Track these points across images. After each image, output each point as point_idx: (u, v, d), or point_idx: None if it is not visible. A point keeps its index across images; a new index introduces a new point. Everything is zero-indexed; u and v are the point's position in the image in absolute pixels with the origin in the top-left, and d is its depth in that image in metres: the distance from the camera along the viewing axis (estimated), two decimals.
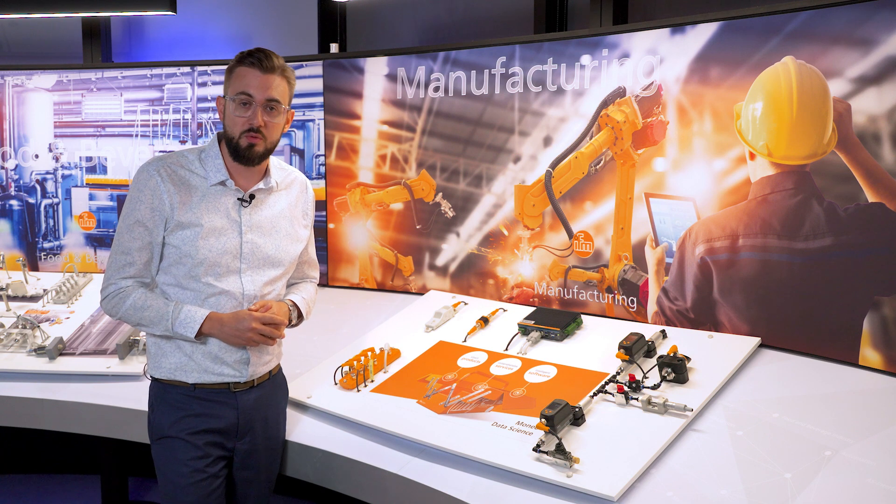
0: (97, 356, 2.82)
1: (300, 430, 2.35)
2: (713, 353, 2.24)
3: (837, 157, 2.10)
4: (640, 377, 2.16)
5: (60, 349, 2.84)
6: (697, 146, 2.39)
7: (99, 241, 3.60)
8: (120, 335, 2.88)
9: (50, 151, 3.59)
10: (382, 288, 3.28)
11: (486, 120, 2.90)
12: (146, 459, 2.22)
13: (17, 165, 3.60)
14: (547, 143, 2.75)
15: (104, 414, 2.58)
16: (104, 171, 3.59)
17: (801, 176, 2.17)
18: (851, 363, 2.12)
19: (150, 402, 2.17)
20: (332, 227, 3.37)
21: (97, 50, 3.95)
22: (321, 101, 3.33)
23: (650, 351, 2.27)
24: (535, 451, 1.95)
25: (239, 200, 2.11)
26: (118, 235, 2.08)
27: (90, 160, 3.59)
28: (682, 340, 2.32)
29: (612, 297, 2.65)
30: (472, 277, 3.02)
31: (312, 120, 3.36)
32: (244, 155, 2.06)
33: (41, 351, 2.81)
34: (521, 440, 2.02)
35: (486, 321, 2.68)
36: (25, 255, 3.61)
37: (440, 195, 3.07)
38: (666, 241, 2.49)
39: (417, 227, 3.15)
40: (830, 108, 2.10)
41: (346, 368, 2.49)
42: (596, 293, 2.69)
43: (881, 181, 2.02)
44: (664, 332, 2.38)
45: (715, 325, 2.39)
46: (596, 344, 2.42)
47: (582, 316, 2.57)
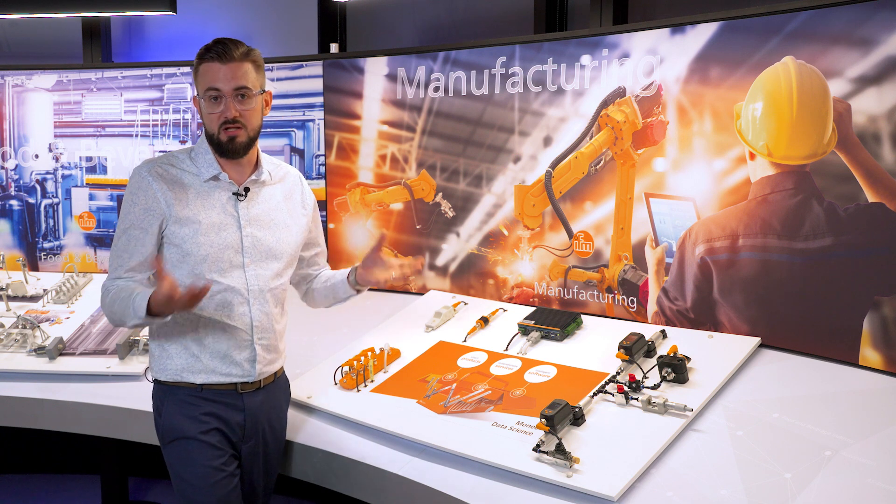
0: (97, 356, 2.82)
1: (300, 430, 2.35)
2: (713, 353, 2.24)
3: (837, 157, 2.09)
4: (640, 377, 2.16)
5: (60, 349, 2.84)
6: (697, 146, 2.39)
7: (99, 241, 3.60)
8: (120, 335, 2.88)
9: (50, 151, 3.59)
10: (382, 288, 3.27)
11: (486, 120, 2.90)
12: (146, 459, 2.22)
13: (17, 165, 3.60)
14: (547, 143, 2.75)
15: (104, 414, 2.58)
16: (104, 171, 3.59)
17: (801, 176, 2.17)
18: (851, 363, 2.11)
19: (154, 406, 2.16)
20: (332, 227, 3.37)
21: (97, 50, 3.94)
22: (321, 101, 3.33)
23: (650, 351, 2.27)
24: (535, 451, 1.95)
25: (234, 195, 2.11)
26: (115, 239, 2.09)
27: (90, 160, 3.59)
28: (682, 340, 2.32)
29: (612, 297, 2.65)
30: (472, 277, 3.01)
31: (312, 120, 3.36)
32: (228, 149, 2.06)
33: (41, 351, 2.81)
34: (521, 440, 2.02)
35: (486, 321, 2.68)
36: (25, 255, 3.61)
37: (440, 195, 3.07)
38: (666, 241, 2.49)
39: (417, 227, 3.15)
40: (830, 108, 2.09)
41: (346, 368, 2.49)
42: (596, 293, 2.69)
43: (881, 181, 2.02)
44: (664, 332, 2.38)
45: (715, 325, 2.39)
46: (596, 344, 2.42)
47: (582, 316, 2.57)
